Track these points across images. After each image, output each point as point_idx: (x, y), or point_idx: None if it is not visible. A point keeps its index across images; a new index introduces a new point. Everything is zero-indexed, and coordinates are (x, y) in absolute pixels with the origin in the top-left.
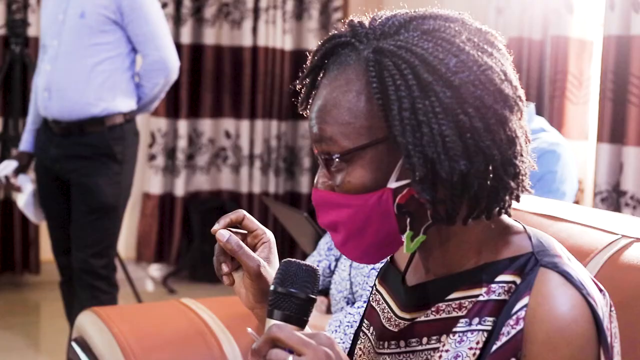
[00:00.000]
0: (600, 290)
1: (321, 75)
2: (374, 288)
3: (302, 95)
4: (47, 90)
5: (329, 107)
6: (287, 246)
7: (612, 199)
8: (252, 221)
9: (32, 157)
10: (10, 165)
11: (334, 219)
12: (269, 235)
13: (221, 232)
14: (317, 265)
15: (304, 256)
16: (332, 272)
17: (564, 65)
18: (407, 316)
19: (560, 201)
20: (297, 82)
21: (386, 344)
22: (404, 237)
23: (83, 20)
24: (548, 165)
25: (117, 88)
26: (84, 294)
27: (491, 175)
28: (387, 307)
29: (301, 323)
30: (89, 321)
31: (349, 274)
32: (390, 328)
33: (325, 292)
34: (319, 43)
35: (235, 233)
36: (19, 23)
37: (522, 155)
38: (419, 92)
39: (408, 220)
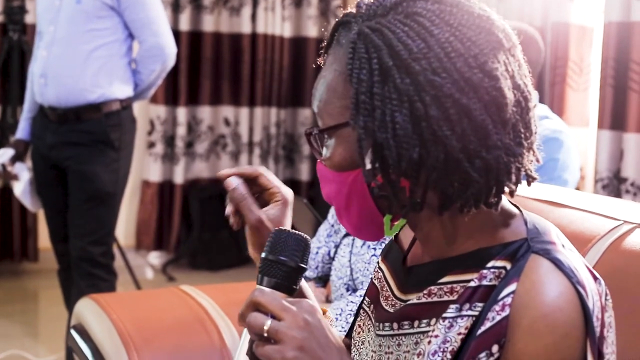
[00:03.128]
0: (595, 279)
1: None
2: (377, 265)
3: None
4: (43, 77)
5: (320, 84)
6: None
7: (613, 185)
8: (268, 179)
9: (29, 145)
10: (6, 153)
11: (327, 192)
12: (286, 195)
13: (231, 180)
14: (317, 252)
15: None
16: (331, 259)
17: (565, 52)
18: (402, 297)
19: (562, 187)
20: (320, 58)
21: (381, 325)
22: (384, 220)
23: (79, 5)
24: (550, 152)
25: (113, 74)
26: (83, 281)
27: (454, 167)
28: (386, 285)
29: (290, 291)
30: (87, 308)
31: (349, 260)
32: (387, 308)
33: (325, 279)
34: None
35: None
36: (17, 10)
37: (497, 148)
38: (379, 77)
39: (386, 204)
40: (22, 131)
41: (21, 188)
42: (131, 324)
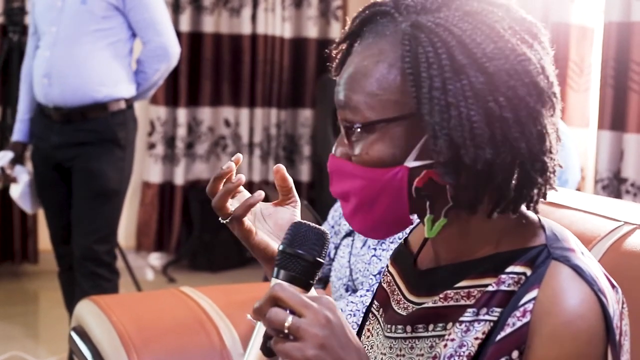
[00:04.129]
0: (613, 287)
1: (357, 42)
2: (386, 269)
3: (336, 60)
4: (47, 77)
5: (359, 75)
6: None
7: (613, 186)
8: (290, 183)
9: (27, 146)
10: (6, 156)
11: (347, 189)
12: (297, 201)
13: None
14: None
15: None
16: (331, 260)
17: (565, 52)
18: (415, 300)
19: (562, 188)
20: (333, 47)
21: (393, 327)
22: (425, 221)
23: (84, 6)
24: None
25: (118, 74)
26: (86, 282)
27: (517, 169)
28: (397, 289)
29: (306, 285)
30: (87, 310)
31: (348, 261)
32: (399, 311)
33: (325, 281)
34: (360, 10)
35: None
36: (17, 11)
37: (551, 152)
38: (451, 74)
39: (428, 203)
40: (19, 133)
41: (19, 191)
42: (131, 326)
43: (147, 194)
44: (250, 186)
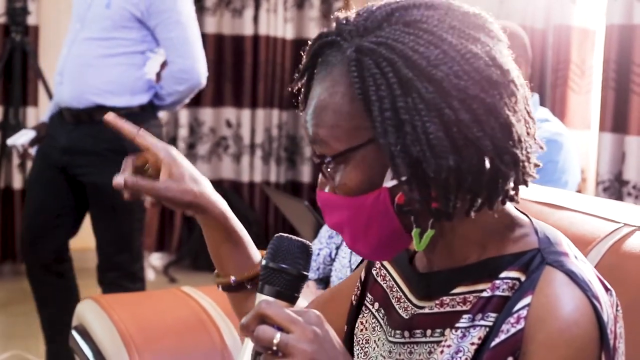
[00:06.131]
0: (607, 290)
1: (315, 73)
2: (379, 262)
3: (301, 96)
4: (60, 75)
5: (319, 109)
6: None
7: (615, 188)
8: (144, 139)
9: None
10: (27, 134)
11: (338, 220)
12: (167, 150)
13: (116, 180)
14: (318, 254)
15: None
16: (332, 260)
17: (567, 54)
18: (415, 302)
19: (562, 190)
20: (293, 83)
21: (393, 332)
22: (413, 235)
23: (108, 11)
24: (549, 154)
25: (127, 85)
26: (108, 292)
27: (487, 167)
28: (395, 285)
29: (292, 299)
30: (88, 309)
31: (349, 261)
32: (400, 312)
33: (327, 281)
34: (310, 42)
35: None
36: (20, 11)
37: (520, 141)
38: (400, 90)
39: (412, 218)
40: (47, 113)
41: None
42: (132, 325)
43: None
44: (252, 187)
